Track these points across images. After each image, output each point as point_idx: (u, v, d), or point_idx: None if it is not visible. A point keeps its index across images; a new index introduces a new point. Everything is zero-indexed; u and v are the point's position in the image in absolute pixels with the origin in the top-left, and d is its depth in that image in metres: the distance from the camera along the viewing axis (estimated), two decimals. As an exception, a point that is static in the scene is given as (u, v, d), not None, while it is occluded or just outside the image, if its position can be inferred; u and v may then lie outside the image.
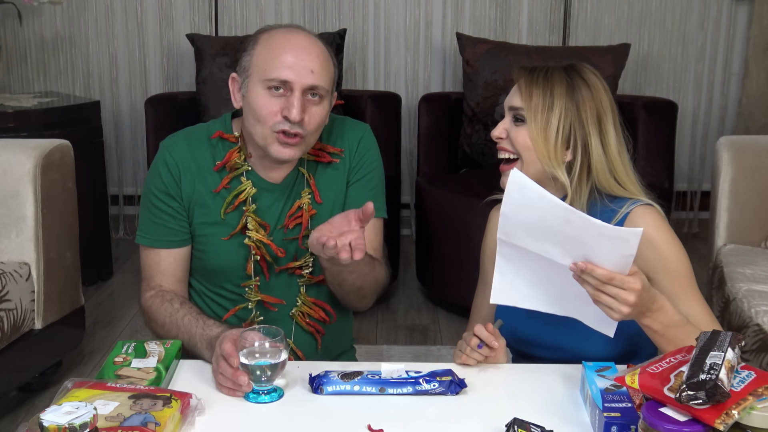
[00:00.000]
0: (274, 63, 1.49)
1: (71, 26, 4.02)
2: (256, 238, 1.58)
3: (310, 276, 1.63)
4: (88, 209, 3.17)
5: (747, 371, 1.14)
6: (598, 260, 1.26)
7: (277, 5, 3.97)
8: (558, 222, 1.26)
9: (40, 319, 2.43)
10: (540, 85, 1.50)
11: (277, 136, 1.51)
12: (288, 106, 1.48)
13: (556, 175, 1.49)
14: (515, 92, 1.53)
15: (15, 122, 3.15)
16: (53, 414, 1.04)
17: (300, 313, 1.64)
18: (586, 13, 3.99)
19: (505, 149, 1.55)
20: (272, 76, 1.48)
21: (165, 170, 1.59)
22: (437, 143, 3.48)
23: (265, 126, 1.51)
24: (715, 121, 4.12)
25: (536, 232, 1.29)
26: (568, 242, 1.27)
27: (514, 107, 1.52)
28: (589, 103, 1.49)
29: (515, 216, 1.30)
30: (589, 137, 1.48)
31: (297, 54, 1.49)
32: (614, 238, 1.23)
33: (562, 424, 1.25)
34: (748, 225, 2.60)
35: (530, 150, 1.50)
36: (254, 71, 1.51)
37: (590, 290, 1.28)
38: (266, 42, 1.52)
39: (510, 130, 1.53)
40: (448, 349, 2.03)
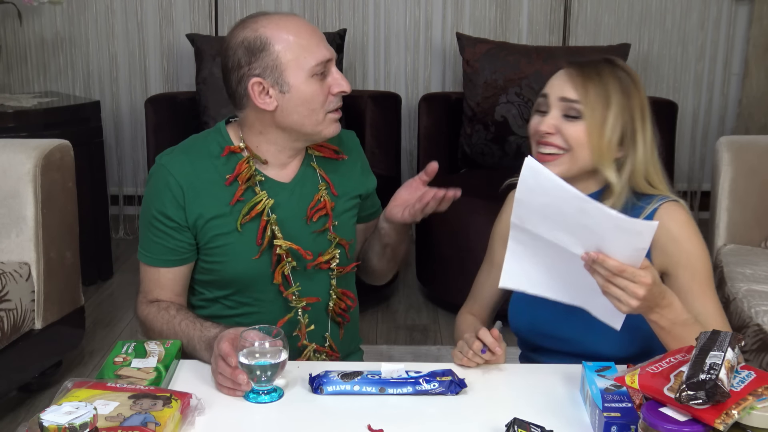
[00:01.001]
0: (310, 49, 1.51)
1: (71, 26, 4.02)
2: (286, 246, 1.57)
3: (339, 268, 1.64)
4: (88, 209, 3.17)
5: (747, 371, 1.14)
6: (610, 251, 1.25)
7: (277, 5, 3.97)
8: (572, 210, 1.25)
9: (40, 319, 2.43)
10: (594, 80, 1.47)
11: (331, 115, 1.56)
12: (335, 83, 1.54)
13: (606, 173, 1.47)
14: (566, 83, 1.48)
15: (15, 122, 3.15)
16: (53, 414, 1.04)
17: (335, 306, 1.65)
18: (586, 13, 3.99)
19: (554, 144, 1.48)
20: (316, 62, 1.51)
21: (167, 192, 1.54)
22: (437, 143, 3.48)
23: (320, 112, 1.53)
24: (715, 121, 4.12)
25: (550, 219, 1.29)
26: (582, 231, 1.27)
27: (567, 99, 1.47)
28: (636, 97, 1.48)
29: (529, 202, 1.29)
30: (636, 134, 1.48)
31: (313, 33, 1.54)
32: (628, 230, 1.23)
33: (562, 424, 1.25)
34: (748, 225, 2.60)
35: (584, 146, 1.47)
36: (290, 65, 1.50)
37: (600, 281, 1.27)
38: (279, 36, 1.50)
39: (560, 125, 1.48)
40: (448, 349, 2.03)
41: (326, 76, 1.53)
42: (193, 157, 1.57)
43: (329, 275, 1.64)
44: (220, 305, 1.63)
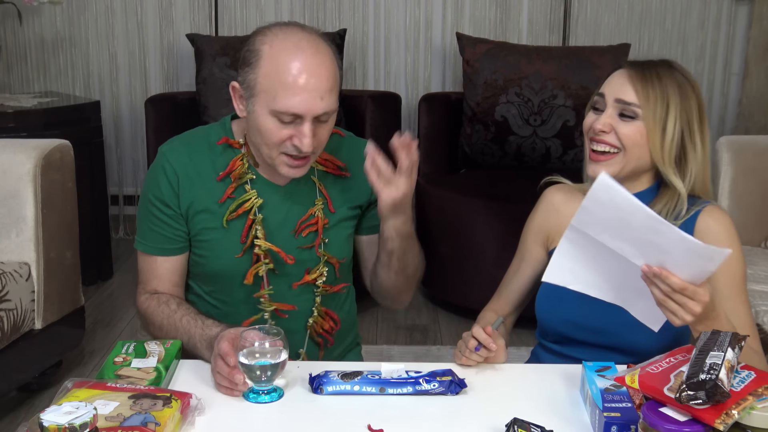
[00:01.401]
0: (284, 94, 1.42)
1: (71, 26, 4.02)
2: (265, 247, 1.56)
3: (325, 286, 1.62)
4: (88, 209, 3.17)
5: (747, 371, 1.14)
6: (674, 268, 1.26)
7: (277, 5, 3.97)
8: (642, 228, 1.25)
9: (40, 319, 2.43)
10: (656, 86, 1.48)
11: (284, 158, 1.49)
12: (298, 136, 1.45)
13: (669, 176, 1.49)
14: (625, 84, 1.49)
15: (15, 122, 3.15)
16: (53, 414, 1.04)
17: (314, 323, 1.63)
18: (586, 13, 3.99)
19: (608, 143, 1.49)
20: (282, 109, 1.43)
21: (163, 178, 1.56)
22: (437, 143, 3.48)
23: (272, 148, 1.48)
24: (715, 121, 4.13)
25: (615, 230, 1.28)
26: (648, 246, 1.27)
27: (625, 101, 1.48)
28: (693, 100, 1.50)
29: (596, 212, 1.28)
30: (695, 136, 1.49)
31: (307, 81, 1.42)
32: (700, 254, 1.23)
33: (562, 424, 1.25)
34: (748, 225, 2.60)
35: (639, 146, 1.48)
36: (261, 94, 1.45)
37: (658, 294, 1.28)
38: (272, 61, 1.44)
39: (615, 125, 1.49)
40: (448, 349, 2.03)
41: (296, 125, 1.45)
42: (192, 148, 1.58)
43: (314, 292, 1.62)
44: (205, 302, 1.64)
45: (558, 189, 1.67)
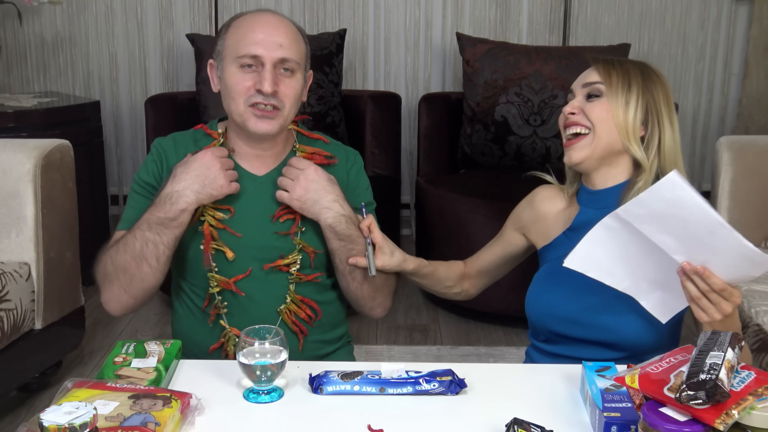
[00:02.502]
0: (245, 41, 1.55)
1: (71, 26, 4.02)
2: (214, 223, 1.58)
3: (299, 274, 1.62)
4: (88, 209, 3.17)
5: (747, 371, 1.14)
6: (716, 269, 1.28)
7: (277, 5, 3.97)
8: (699, 228, 1.26)
9: (40, 319, 2.43)
10: (617, 68, 1.56)
11: (252, 110, 1.56)
12: (260, 80, 1.54)
13: (632, 150, 1.53)
14: (591, 71, 1.58)
15: (15, 122, 3.15)
16: (53, 414, 1.04)
17: (288, 310, 1.63)
18: (586, 13, 3.99)
19: (579, 123, 1.55)
20: (242, 53, 1.54)
21: (150, 160, 1.66)
22: (437, 143, 3.48)
23: (239, 102, 1.56)
24: (715, 121, 4.13)
25: (665, 225, 1.29)
26: (696, 245, 1.28)
27: (590, 83, 1.56)
28: (660, 88, 1.56)
29: (653, 207, 1.29)
30: (662, 117, 1.54)
31: (265, 30, 1.56)
32: (752, 260, 1.25)
33: (562, 424, 1.25)
34: (748, 225, 2.59)
35: (605, 122, 1.53)
36: (227, 53, 1.57)
37: (693, 291, 1.31)
38: (237, 25, 1.59)
39: (583, 106, 1.56)
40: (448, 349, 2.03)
41: (256, 72, 1.55)
42: (178, 140, 1.68)
43: (288, 279, 1.62)
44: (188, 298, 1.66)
45: (546, 187, 1.72)
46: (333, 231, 1.58)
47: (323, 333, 1.69)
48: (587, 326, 1.54)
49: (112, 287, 1.59)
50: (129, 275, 1.55)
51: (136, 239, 1.53)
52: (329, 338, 1.72)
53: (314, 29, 3.96)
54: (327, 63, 3.39)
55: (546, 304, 1.60)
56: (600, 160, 1.55)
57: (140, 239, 1.52)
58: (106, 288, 1.60)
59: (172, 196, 1.51)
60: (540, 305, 1.61)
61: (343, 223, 1.58)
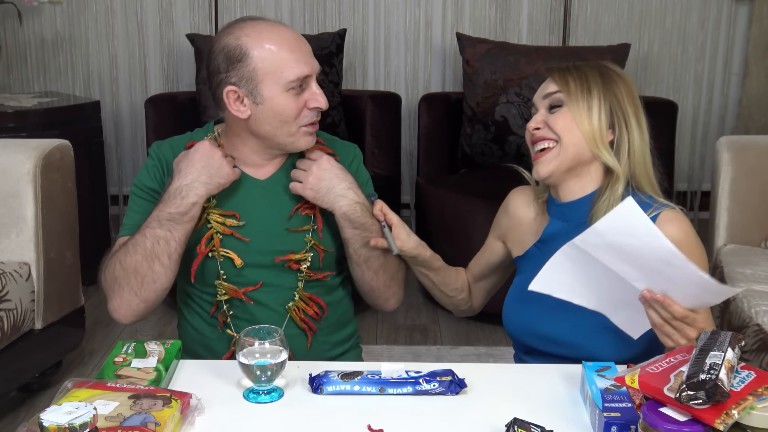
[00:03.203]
0: (288, 63, 1.50)
1: (71, 26, 4.02)
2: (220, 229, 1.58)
3: (309, 271, 1.62)
4: (88, 209, 3.17)
5: (747, 371, 1.14)
6: (677, 296, 1.27)
7: (277, 5, 3.97)
8: (655, 257, 1.25)
9: (40, 319, 2.43)
10: (573, 73, 1.53)
11: (305, 129, 1.55)
12: (313, 97, 1.53)
13: (602, 157, 1.49)
14: (548, 82, 1.55)
15: (15, 122, 3.15)
16: (53, 414, 1.04)
17: (296, 307, 1.63)
18: (586, 13, 3.99)
19: (545, 137, 1.52)
20: (294, 77, 1.50)
21: (151, 165, 1.65)
22: (437, 143, 3.48)
23: (292, 125, 1.54)
24: (715, 121, 4.13)
25: (624, 255, 1.28)
26: (655, 275, 1.27)
27: (549, 93, 1.53)
28: (623, 87, 1.52)
29: (609, 236, 1.27)
30: (628, 117, 1.51)
31: (297, 46, 1.52)
32: (709, 290, 1.25)
33: (562, 424, 1.25)
34: (748, 225, 2.59)
35: (571, 131, 1.50)
36: (266, 78, 1.50)
37: (656, 318, 1.30)
38: (260, 45, 1.50)
39: (546, 119, 1.53)
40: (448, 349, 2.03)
41: (304, 90, 1.53)
42: (176, 145, 1.66)
43: (297, 276, 1.62)
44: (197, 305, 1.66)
45: (519, 191, 1.71)
46: (348, 219, 1.58)
47: (331, 333, 1.70)
48: (564, 345, 1.53)
49: (122, 292, 1.55)
50: (140, 276, 1.53)
51: (147, 238, 1.51)
52: (338, 339, 1.72)
53: (314, 29, 3.96)
54: (327, 63, 3.39)
55: (522, 321, 1.59)
56: (568, 171, 1.52)
57: (151, 237, 1.51)
58: (116, 294, 1.55)
59: (182, 190, 1.51)
60: (516, 323, 1.61)
61: (359, 211, 1.58)
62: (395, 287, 1.69)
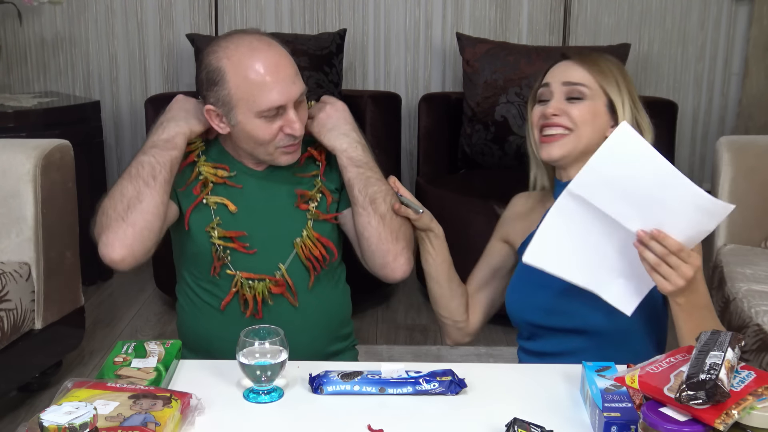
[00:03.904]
0: (260, 92, 1.50)
1: (71, 26, 4.02)
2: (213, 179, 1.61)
3: (317, 211, 1.64)
4: (88, 209, 3.16)
5: (747, 371, 1.14)
6: (672, 230, 1.27)
7: (277, 5, 3.97)
8: (651, 183, 1.25)
9: (40, 319, 2.43)
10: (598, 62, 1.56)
11: (281, 150, 1.56)
12: (288, 125, 1.53)
13: None
14: (570, 68, 1.57)
15: (15, 122, 3.15)
16: (53, 414, 1.04)
17: (303, 244, 1.63)
18: (586, 13, 3.99)
19: (561, 124, 1.54)
20: (265, 107, 1.50)
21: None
22: (437, 143, 3.48)
23: (269, 146, 1.56)
24: (715, 121, 4.12)
25: (618, 190, 1.28)
26: (650, 205, 1.28)
27: (571, 82, 1.55)
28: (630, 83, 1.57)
29: (605, 168, 1.28)
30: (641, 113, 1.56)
31: (274, 72, 1.50)
32: (705, 209, 1.25)
33: (562, 424, 1.25)
34: (748, 225, 2.59)
35: (588, 124, 1.53)
36: (239, 104, 1.52)
37: (651, 258, 1.30)
38: (236, 71, 1.51)
39: (566, 107, 1.55)
40: (448, 349, 2.03)
41: (280, 116, 1.52)
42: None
43: (306, 216, 1.64)
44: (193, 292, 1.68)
45: (521, 196, 1.73)
46: (349, 157, 1.60)
47: (331, 328, 1.71)
48: (561, 314, 1.55)
49: (109, 222, 1.56)
50: (126, 199, 1.54)
51: (131, 166, 1.58)
52: (336, 335, 1.73)
53: (314, 29, 3.96)
54: (327, 63, 3.39)
55: (520, 295, 1.62)
56: (580, 155, 1.54)
57: (135, 164, 1.57)
58: (104, 228, 1.57)
59: (163, 123, 1.59)
60: (516, 299, 1.63)
61: (360, 150, 1.61)
62: (403, 242, 1.64)
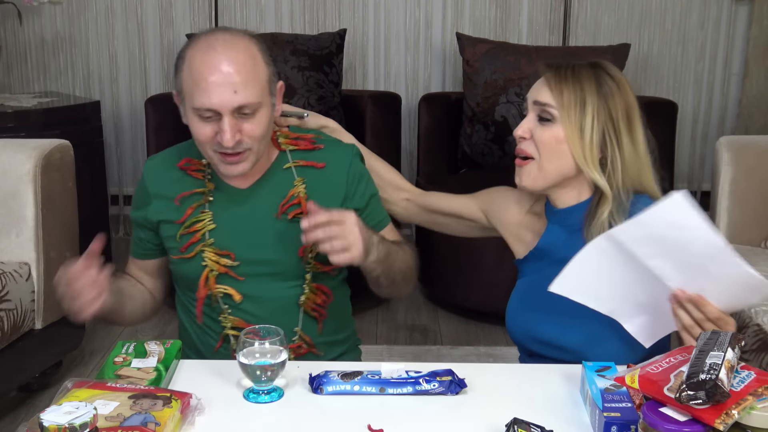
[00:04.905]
0: (198, 90, 1.46)
1: (71, 26, 4.02)
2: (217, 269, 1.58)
3: (317, 263, 1.61)
4: (88, 209, 3.17)
5: (747, 371, 1.14)
6: (712, 296, 1.25)
7: (277, 5, 3.97)
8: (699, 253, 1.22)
9: (40, 319, 2.43)
10: (569, 82, 1.47)
11: (220, 156, 1.51)
12: (220, 132, 1.47)
13: (591, 176, 1.46)
14: (542, 87, 1.50)
15: (15, 122, 3.15)
16: (53, 414, 1.04)
17: (307, 300, 1.63)
18: (586, 13, 3.99)
19: (524, 151, 1.50)
20: (197, 106, 1.47)
21: (141, 192, 1.67)
22: (437, 143, 3.48)
23: (205, 148, 1.52)
24: (715, 121, 4.12)
25: (664, 249, 1.25)
26: (693, 271, 1.25)
27: (541, 102, 1.48)
28: (618, 99, 1.47)
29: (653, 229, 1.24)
30: (621, 135, 1.46)
31: (216, 77, 1.45)
32: (751, 287, 1.22)
33: (562, 424, 1.25)
34: (748, 225, 2.59)
35: (554, 151, 1.46)
36: (186, 96, 1.50)
37: (686, 320, 1.27)
38: (189, 63, 1.48)
39: (534, 129, 1.49)
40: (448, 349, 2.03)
41: (217, 121, 1.47)
42: (168, 165, 1.65)
43: (305, 269, 1.61)
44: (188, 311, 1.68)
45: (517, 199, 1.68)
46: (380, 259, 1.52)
47: (333, 333, 1.70)
48: (566, 351, 1.52)
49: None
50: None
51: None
52: (338, 339, 1.72)
53: (314, 29, 3.96)
54: (327, 63, 3.39)
55: (525, 326, 1.58)
56: (554, 185, 1.50)
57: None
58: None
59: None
60: (520, 328, 1.60)
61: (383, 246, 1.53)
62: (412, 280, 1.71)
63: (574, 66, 1.50)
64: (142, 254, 1.72)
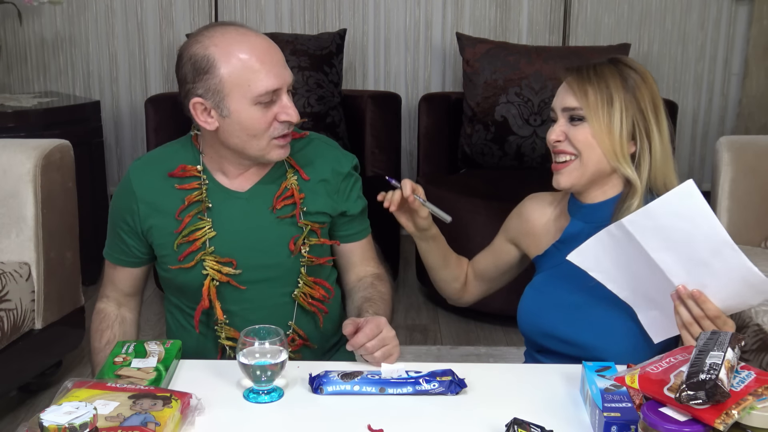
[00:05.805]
0: (258, 77, 1.45)
1: (71, 26, 4.02)
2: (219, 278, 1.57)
3: (310, 256, 1.61)
4: (88, 209, 3.17)
5: (747, 371, 1.14)
6: (713, 294, 1.25)
7: (277, 5, 3.97)
8: (703, 245, 1.22)
9: (40, 319, 2.43)
10: (593, 81, 1.48)
11: (276, 142, 1.51)
12: (283, 111, 1.48)
13: (623, 171, 1.47)
14: (566, 92, 1.50)
15: (15, 122, 3.15)
16: (53, 414, 1.04)
17: (302, 294, 1.62)
18: (586, 13, 3.99)
19: (565, 151, 1.50)
20: (262, 91, 1.45)
21: (126, 197, 1.60)
22: (437, 143, 3.48)
23: (262, 138, 1.50)
24: (715, 121, 4.13)
25: (669, 241, 1.26)
26: (697, 265, 1.25)
27: (569, 108, 1.49)
28: (645, 90, 1.48)
29: (661, 218, 1.25)
30: (650, 125, 1.48)
31: (266, 57, 1.46)
32: (753, 285, 1.22)
33: (562, 424, 1.25)
34: (748, 225, 2.59)
35: (591, 147, 1.47)
36: (232, 90, 1.46)
37: (686, 316, 1.28)
38: (228, 57, 1.45)
39: (568, 131, 1.49)
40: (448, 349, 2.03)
41: (274, 102, 1.48)
42: (157, 170, 1.60)
43: (300, 262, 1.61)
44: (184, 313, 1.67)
45: (535, 198, 1.69)
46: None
47: (328, 339, 1.70)
48: (578, 347, 1.52)
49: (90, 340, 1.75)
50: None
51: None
52: (333, 341, 1.73)
53: (314, 29, 3.96)
54: (327, 63, 3.39)
55: (537, 321, 1.58)
56: (590, 182, 1.51)
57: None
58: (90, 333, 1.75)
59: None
60: (531, 323, 1.60)
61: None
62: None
63: (595, 65, 1.51)
64: (130, 262, 1.66)
